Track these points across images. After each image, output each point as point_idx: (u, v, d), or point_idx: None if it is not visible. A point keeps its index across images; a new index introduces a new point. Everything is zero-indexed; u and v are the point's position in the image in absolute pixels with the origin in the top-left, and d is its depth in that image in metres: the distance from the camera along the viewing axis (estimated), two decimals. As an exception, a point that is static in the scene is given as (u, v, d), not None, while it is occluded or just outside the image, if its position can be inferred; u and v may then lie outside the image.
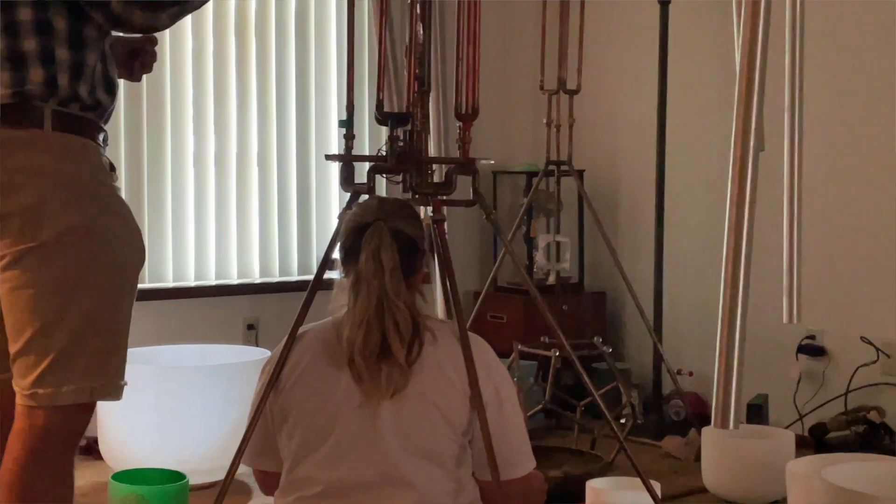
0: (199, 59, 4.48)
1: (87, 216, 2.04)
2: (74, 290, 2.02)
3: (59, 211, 2.01)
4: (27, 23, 2.01)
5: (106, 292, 2.06)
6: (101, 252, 2.05)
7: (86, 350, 2.03)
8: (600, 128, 4.90)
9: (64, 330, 2.01)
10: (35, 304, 2.00)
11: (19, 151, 2.01)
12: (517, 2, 5.09)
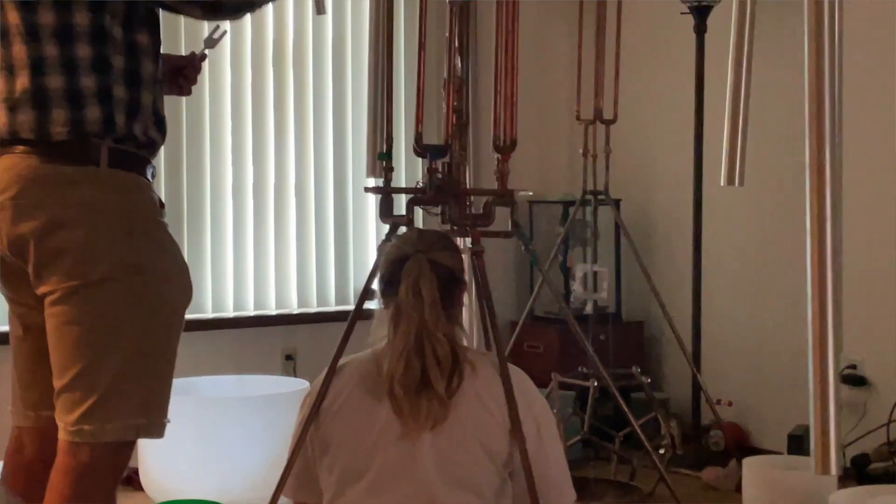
0: (237, 90, 4.52)
1: (139, 254, 2.05)
2: (122, 328, 2.03)
3: (111, 248, 2.02)
4: (86, 59, 2.03)
5: (153, 330, 2.07)
6: (149, 290, 2.06)
7: (132, 388, 2.04)
8: (637, 157, 4.90)
9: (111, 367, 2.02)
10: (83, 340, 2.01)
11: (76, 187, 2.03)
12: (553, 33, 5.11)
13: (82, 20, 2.01)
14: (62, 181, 2.03)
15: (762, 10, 2.67)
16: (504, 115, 2.65)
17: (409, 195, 2.67)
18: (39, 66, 2.02)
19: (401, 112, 4.63)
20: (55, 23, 2.01)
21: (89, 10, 2.01)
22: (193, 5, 2.10)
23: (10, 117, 2.04)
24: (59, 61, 2.01)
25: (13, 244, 2.05)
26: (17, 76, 2.03)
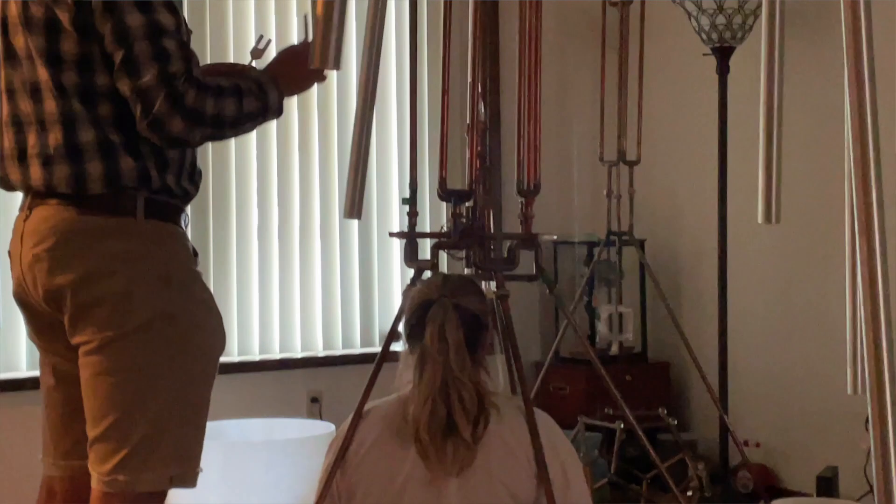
0: (262, 132, 4.55)
1: (174, 304, 2.07)
2: (157, 378, 2.04)
3: (147, 298, 2.04)
4: (109, 117, 2.05)
5: (188, 380, 2.08)
6: (184, 340, 2.07)
7: (166, 438, 2.05)
8: (661, 197, 4.90)
9: (145, 417, 2.03)
10: (117, 390, 2.02)
11: (112, 238, 2.05)
12: (576, 75, 5.13)
13: (103, 81, 2.04)
14: (98, 233, 2.05)
15: (790, 50, 2.67)
16: (527, 159, 2.68)
17: (433, 240, 2.69)
18: (71, 122, 2.04)
19: (425, 157, 4.66)
20: (79, 82, 2.04)
21: (108, 71, 2.04)
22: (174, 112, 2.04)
23: (45, 171, 2.06)
24: (88, 117, 2.04)
25: (49, 295, 2.07)
26: (50, 131, 2.06)
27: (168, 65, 1.99)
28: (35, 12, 2.04)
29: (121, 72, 2.00)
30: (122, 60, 1.99)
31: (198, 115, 2.01)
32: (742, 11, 4.20)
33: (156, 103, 1.98)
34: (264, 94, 2.13)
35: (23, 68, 2.08)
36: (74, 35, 2.02)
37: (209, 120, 2.03)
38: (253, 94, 2.11)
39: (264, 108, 2.13)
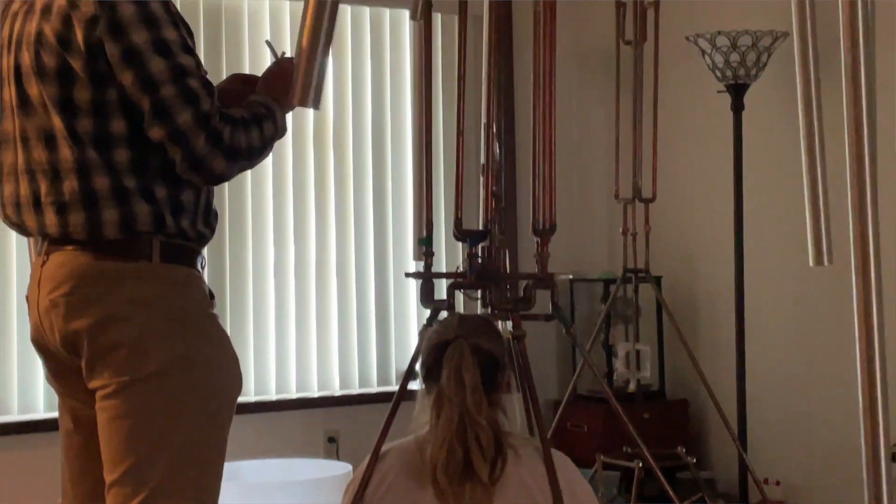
0: (278, 171, 4.58)
1: (191, 347, 2.07)
2: (173, 422, 2.04)
3: (163, 342, 2.04)
4: (125, 163, 2.06)
5: (204, 423, 2.09)
6: (201, 383, 2.07)
7: (183, 481, 2.05)
8: (677, 234, 4.90)
9: (162, 461, 2.03)
10: (134, 434, 2.03)
11: (129, 283, 2.06)
12: (590, 113, 5.15)
13: (118, 127, 2.05)
14: (115, 277, 2.06)
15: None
16: (543, 199, 2.68)
17: (449, 280, 2.69)
18: (85, 169, 2.06)
19: (440, 197, 4.66)
20: (94, 129, 2.05)
21: (124, 116, 2.05)
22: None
23: (60, 218, 2.08)
24: (102, 164, 2.05)
25: (66, 340, 2.08)
26: (65, 178, 2.07)
27: (199, 105, 2.02)
28: (48, 61, 2.06)
29: (153, 119, 2.02)
30: (152, 107, 2.01)
31: (236, 151, 2.06)
32: (756, 49, 4.21)
33: (197, 145, 2.02)
34: (273, 116, 2.18)
35: (37, 117, 2.09)
36: (88, 82, 2.04)
37: (245, 153, 2.08)
38: (269, 119, 2.16)
39: (275, 126, 2.19)
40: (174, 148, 2.03)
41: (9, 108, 2.15)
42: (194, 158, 2.03)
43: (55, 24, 2.05)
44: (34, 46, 2.07)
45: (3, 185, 2.17)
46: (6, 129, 2.16)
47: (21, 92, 2.11)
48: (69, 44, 2.04)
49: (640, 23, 4.31)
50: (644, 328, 4.66)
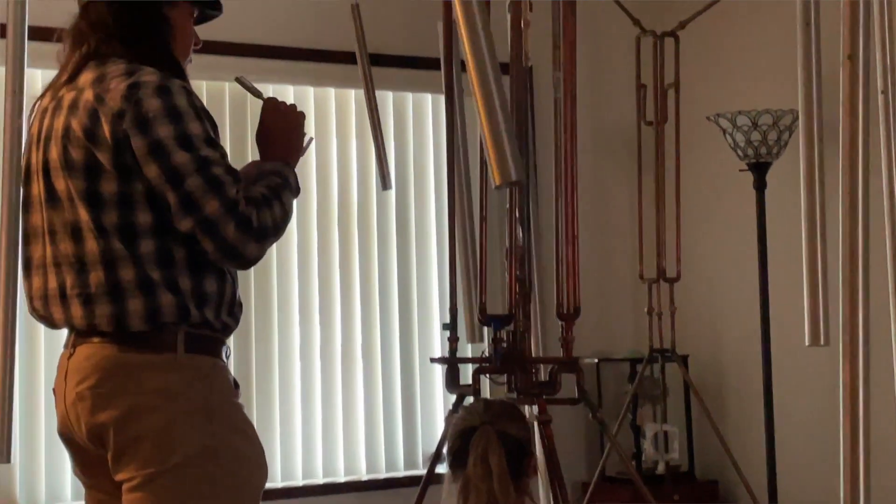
0: (303, 254, 4.60)
1: (216, 438, 2.07)
2: None
3: (189, 434, 2.05)
4: (150, 254, 2.08)
5: None
6: (226, 474, 2.07)
7: None
8: (702, 313, 4.88)
9: None
10: None
11: (154, 374, 2.07)
12: (613, 193, 5.17)
13: (144, 219, 2.08)
14: (140, 369, 2.07)
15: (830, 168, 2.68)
16: (566, 282, 2.69)
17: (474, 365, 2.69)
18: (111, 261, 2.08)
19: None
20: (120, 221, 2.08)
21: (150, 208, 2.08)
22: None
23: (86, 310, 2.10)
24: (128, 255, 2.08)
25: (92, 433, 2.08)
26: (91, 271, 2.09)
27: (225, 193, 2.05)
28: (75, 156, 2.09)
29: (180, 210, 2.05)
30: (179, 199, 2.04)
31: (264, 232, 2.09)
32: (777, 127, 4.23)
33: (227, 233, 2.04)
34: (286, 180, 2.22)
35: (64, 210, 2.12)
36: (115, 175, 2.07)
37: (272, 231, 2.11)
38: (287, 188, 2.20)
39: (291, 191, 2.22)
40: (205, 238, 2.06)
41: (37, 202, 2.18)
42: (227, 247, 2.06)
43: (82, 119, 2.09)
44: (62, 141, 2.11)
45: (32, 278, 2.20)
46: (34, 223, 2.19)
47: (49, 186, 2.14)
48: (96, 138, 2.07)
49: (660, 104, 4.35)
50: (672, 408, 4.63)
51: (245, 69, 4.37)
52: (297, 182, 2.26)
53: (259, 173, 2.22)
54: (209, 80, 4.29)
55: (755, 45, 4.76)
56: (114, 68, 2.12)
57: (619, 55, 4.81)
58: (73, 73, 2.17)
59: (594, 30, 4.90)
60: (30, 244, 2.20)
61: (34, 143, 2.20)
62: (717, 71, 4.92)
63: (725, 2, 4.08)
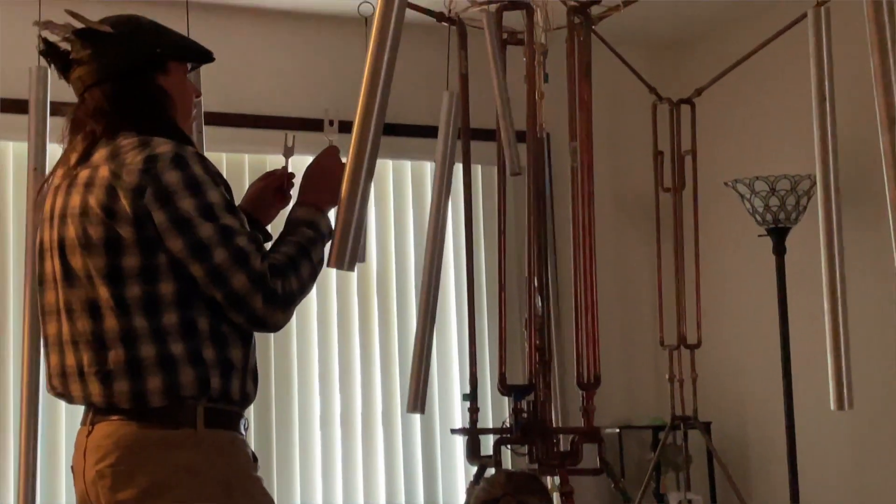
0: (323, 321, 4.61)
1: None
2: None
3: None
4: (173, 327, 2.08)
5: None
6: None
7: None
8: (724, 379, 4.85)
9: None
10: None
11: (174, 451, 2.06)
12: (632, 260, 5.16)
13: (167, 289, 2.09)
14: (160, 446, 2.06)
15: (849, 231, 2.68)
16: (586, 351, 2.68)
17: (495, 435, 2.68)
18: (132, 339, 2.08)
19: (485, 352, 4.65)
20: (143, 294, 2.08)
21: (174, 278, 2.09)
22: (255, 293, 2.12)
23: (104, 388, 2.09)
24: (149, 331, 2.08)
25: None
26: (111, 348, 2.09)
27: (250, 265, 2.05)
28: (94, 233, 2.09)
29: (208, 284, 2.05)
30: (206, 273, 2.05)
31: (290, 298, 2.10)
32: (795, 192, 4.23)
33: (256, 306, 2.05)
34: (318, 230, 2.21)
35: (81, 288, 2.12)
36: (137, 250, 2.07)
37: (298, 294, 2.12)
38: (315, 241, 2.19)
39: (323, 241, 2.22)
40: (233, 311, 2.07)
41: (51, 280, 2.18)
42: (256, 318, 2.07)
43: (100, 196, 2.09)
44: (80, 219, 2.11)
45: (49, 356, 2.20)
46: (49, 301, 2.19)
47: (65, 264, 2.14)
48: (115, 214, 2.07)
49: (678, 170, 4.36)
50: (695, 476, 4.58)
51: (257, 140, 4.44)
52: (329, 227, 2.24)
53: (292, 223, 2.23)
54: (229, 153, 4.33)
55: (771, 110, 4.78)
56: (126, 142, 2.13)
57: (635, 122, 4.84)
58: (84, 152, 2.18)
59: (610, 97, 4.93)
60: (45, 322, 2.20)
61: (47, 220, 2.20)
62: (734, 137, 4.94)
63: (741, 69, 4.10)
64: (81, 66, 2.18)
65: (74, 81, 2.21)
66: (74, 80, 2.21)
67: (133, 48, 2.19)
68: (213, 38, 2.36)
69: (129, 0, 4.12)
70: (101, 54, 2.17)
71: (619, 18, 3.26)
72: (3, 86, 4.01)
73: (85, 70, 2.18)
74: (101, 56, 2.17)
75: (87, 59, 2.17)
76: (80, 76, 2.19)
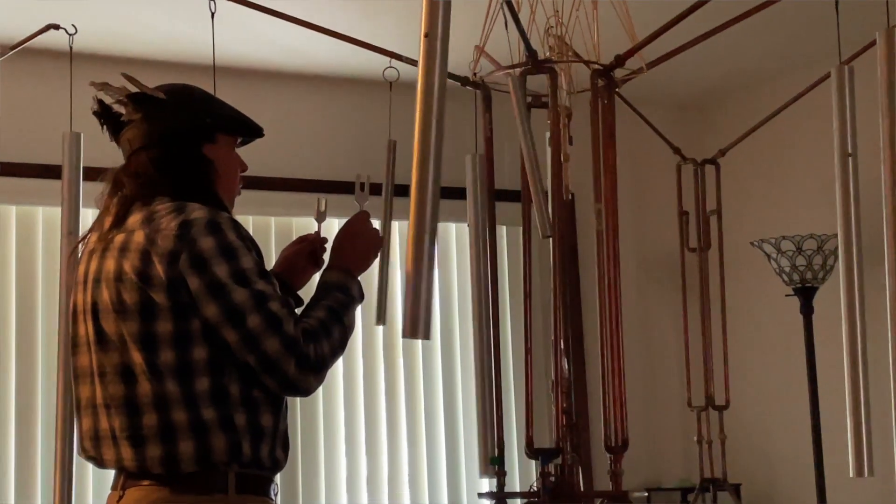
0: (349, 384, 4.60)
1: None
2: None
3: None
4: (204, 392, 2.09)
5: None
6: None
7: None
8: (753, 440, 4.81)
9: None
10: None
11: None
12: (658, 320, 5.14)
13: (200, 355, 2.09)
14: None
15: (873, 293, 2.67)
16: (614, 414, 2.67)
17: (523, 500, 2.66)
18: (164, 404, 2.08)
19: (511, 415, 4.63)
20: (175, 360, 2.09)
21: (206, 344, 2.09)
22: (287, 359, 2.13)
23: (136, 452, 2.10)
24: (182, 396, 2.08)
25: None
26: (144, 413, 2.09)
27: (283, 329, 2.06)
28: (129, 298, 2.10)
29: (242, 349, 2.06)
30: (241, 338, 2.06)
31: (323, 362, 2.11)
32: (822, 252, 4.22)
33: (289, 371, 2.06)
34: (349, 294, 2.22)
35: (115, 352, 2.13)
36: (170, 315, 2.08)
37: (330, 359, 2.13)
38: (347, 305, 2.20)
39: (354, 304, 2.23)
40: (266, 375, 2.08)
41: (84, 343, 2.19)
42: (288, 383, 2.08)
43: (134, 261, 2.10)
44: (115, 284, 2.12)
45: (81, 419, 2.20)
46: (82, 364, 2.20)
47: (98, 328, 2.15)
48: (150, 279, 2.09)
49: (703, 230, 4.35)
50: (726, 538, 4.52)
51: (284, 203, 4.47)
52: (361, 291, 2.27)
53: (323, 287, 2.24)
54: (255, 215, 4.36)
55: (796, 169, 4.79)
56: (161, 207, 2.15)
57: (660, 183, 4.85)
58: (119, 216, 2.20)
59: (635, 158, 4.94)
60: (78, 385, 2.21)
61: (80, 283, 2.22)
62: (759, 196, 4.94)
63: (764, 128, 4.11)
64: (132, 129, 2.22)
65: (123, 143, 2.25)
66: (123, 141, 2.25)
67: (183, 116, 2.23)
68: (239, 101, 2.39)
69: (156, 63, 4.21)
70: (152, 119, 2.21)
71: (643, 79, 3.27)
72: (32, 150, 4.07)
73: (134, 132, 2.22)
74: (152, 121, 2.21)
75: (138, 122, 2.21)
76: (129, 138, 2.23)
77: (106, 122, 2.27)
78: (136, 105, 2.23)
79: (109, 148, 2.41)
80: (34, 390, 4.09)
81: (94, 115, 2.28)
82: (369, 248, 2.35)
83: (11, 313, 4.09)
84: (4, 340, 4.08)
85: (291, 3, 3.48)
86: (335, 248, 2.33)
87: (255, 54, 4.30)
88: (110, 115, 2.27)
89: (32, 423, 4.07)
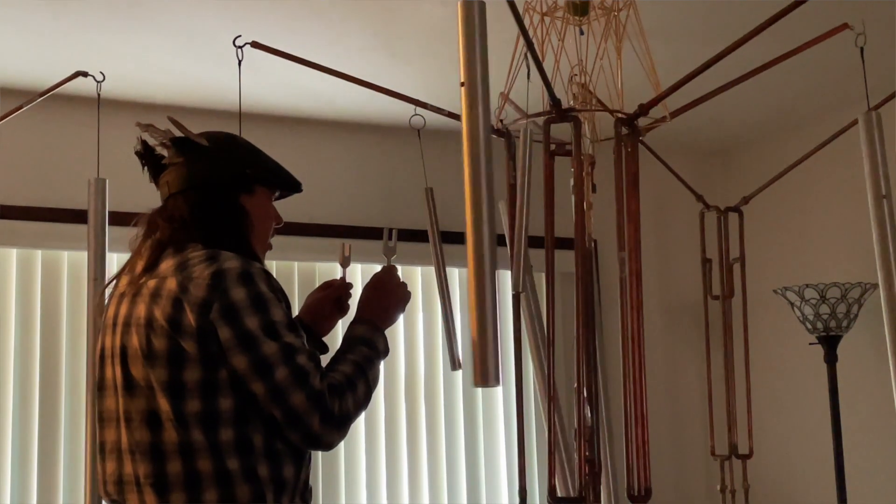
0: (371, 428, 4.59)
1: None
2: None
3: None
4: (229, 443, 2.09)
5: None
6: None
7: None
8: (777, 489, 4.76)
9: None
10: None
11: None
12: (681, 368, 5.12)
13: (226, 405, 2.09)
14: None
15: None
16: (637, 463, 2.64)
17: (545, 549, 2.64)
18: (189, 452, 2.08)
19: (534, 463, 4.61)
20: (201, 409, 2.09)
21: (233, 394, 2.09)
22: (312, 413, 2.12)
23: (160, 499, 2.10)
24: (207, 445, 2.08)
25: None
26: (169, 460, 2.10)
27: (309, 383, 2.07)
28: (158, 345, 2.11)
29: (268, 402, 2.07)
30: (267, 390, 2.06)
31: (346, 418, 2.12)
32: (846, 300, 4.20)
33: (313, 426, 2.07)
34: (375, 348, 2.25)
35: (142, 398, 2.14)
36: (199, 364, 2.08)
37: (354, 413, 2.14)
38: (372, 360, 2.23)
39: (379, 359, 2.25)
40: (289, 429, 2.09)
41: (111, 387, 2.20)
42: (312, 437, 2.09)
43: (166, 308, 2.11)
44: (145, 330, 2.13)
45: (105, 462, 2.21)
46: (108, 407, 2.21)
47: (126, 373, 2.16)
48: (181, 327, 2.09)
49: (726, 278, 4.33)
50: (750, 589, 4.47)
51: (308, 248, 4.48)
52: (386, 346, 2.30)
53: (350, 341, 2.26)
54: (279, 260, 4.37)
55: (820, 217, 4.78)
56: (194, 255, 2.16)
57: (683, 230, 4.84)
58: (151, 260, 2.21)
59: (658, 205, 4.95)
60: (103, 428, 2.22)
61: (109, 327, 2.23)
62: (782, 244, 4.93)
63: (788, 176, 4.10)
64: (172, 172, 2.25)
65: (162, 186, 2.28)
66: (162, 184, 2.28)
67: (224, 164, 2.26)
68: (265, 146, 2.41)
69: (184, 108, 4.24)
70: (193, 164, 2.24)
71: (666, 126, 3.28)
72: (58, 195, 4.10)
73: (174, 176, 2.25)
74: (192, 166, 2.24)
75: (179, 166, 2.24)
76: (169, 181, 2.26)
77: (147, 164, 2.31)
78: (179, 149, 2.26)
79: (135, 194, 2.43)
80: (57, 432, 4.09)
81: (136, 155, 2.31)
82: (397, 303, 2.38)
83: (36, 357, 4.10)
84: (29, 381, 4.09)
85: (317, 51, 3.52)
86: (362, 301, 2.35)
87: (280, 100, 4.34)
88: (153, 156, 2.30)
89: (55, 465, 4.07)
